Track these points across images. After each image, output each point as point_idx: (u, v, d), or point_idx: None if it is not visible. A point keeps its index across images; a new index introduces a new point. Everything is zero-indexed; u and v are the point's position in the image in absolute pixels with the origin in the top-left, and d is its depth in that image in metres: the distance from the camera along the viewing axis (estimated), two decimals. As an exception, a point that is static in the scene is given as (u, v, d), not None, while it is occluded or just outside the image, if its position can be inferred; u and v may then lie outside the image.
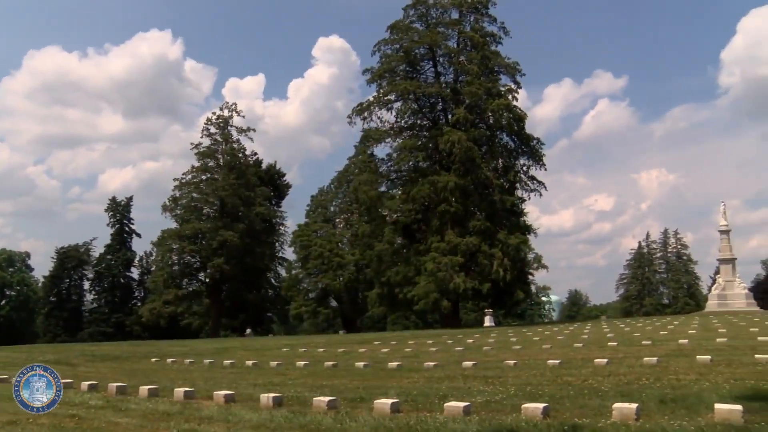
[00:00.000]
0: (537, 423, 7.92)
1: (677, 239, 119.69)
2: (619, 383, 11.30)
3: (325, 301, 76.11)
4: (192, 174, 65.62)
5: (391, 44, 54.28)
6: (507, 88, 54.12)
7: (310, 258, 72.54)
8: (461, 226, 49.26)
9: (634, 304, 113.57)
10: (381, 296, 55.19)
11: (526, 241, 53.19)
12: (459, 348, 22.31)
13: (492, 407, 9.40)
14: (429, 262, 47.23)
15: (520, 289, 52.43)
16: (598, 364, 14.24)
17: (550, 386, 11.38)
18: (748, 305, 54.87)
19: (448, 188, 48.26)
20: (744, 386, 10.19)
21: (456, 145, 48.23)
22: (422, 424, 8.21)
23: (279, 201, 78.75)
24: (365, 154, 55.60)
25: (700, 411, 8.20)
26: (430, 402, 10.07)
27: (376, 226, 54.09)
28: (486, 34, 54.69)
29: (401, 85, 52.41)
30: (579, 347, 19.80)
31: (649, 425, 7.50)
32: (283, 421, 8.88)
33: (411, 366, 16.62)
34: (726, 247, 59.71)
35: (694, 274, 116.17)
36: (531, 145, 53.96)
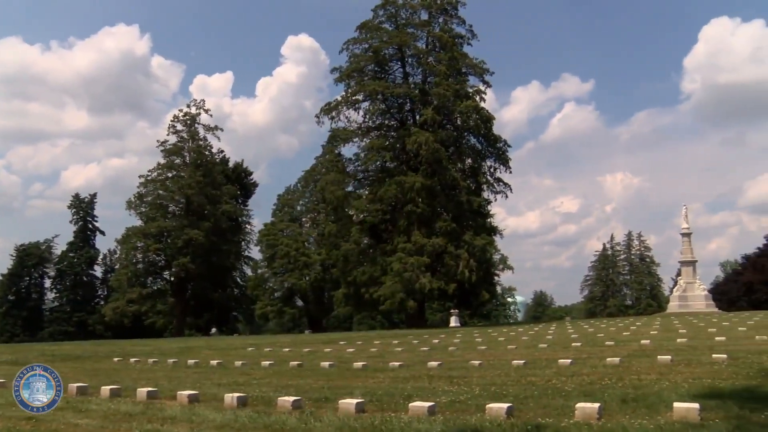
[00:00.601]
0: (501, 423, 7.95)
1: (641, 242, 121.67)
2: (582, 383, 11.39)
3: (291, 300, 75.76)
4: (158, 171, 64.92)
5: (360, 44, 54.29)
6: (475, 90, 54.48)
7: (276, 257, 72.24)
8: (428, 226, 49.40)
9: (598, 305, 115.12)
10: (347, 296, 55.12)
11: (492, 242, 53.56)
12: (424, 348, 22.33)
13: (456, 407, 9.41)
14: (395, 262, 47.29)
15: (485, 290, 52.76)
16: (562, 365, 14.35)
17: (514, 386, 11.43)
18: (707, 306, 55.90)
19: (415, 189, 48.38)
20: (701, 385, 10.37)
21: (423, 146, 48.37)
22: (387, 424, 8.19)
23: (245, 200, 78.37)
24: (332, 153, 55.45)
25: (660, 410, 8.31)
26: (395, 402, 10.06)
27: (342, 225, 53.96)
28: (455, 35, 54.95)
29: (369, 85, 52.44)
30: (543, 348, 19.96)
31: (611, 424, 7.58)
32: (247, 421, 8.80)
33: (376, 366, 16.59)
34: (687, 250, 60.75)
35: (657, 275, 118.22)
36: (498, 147, 54.35)
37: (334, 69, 55.84)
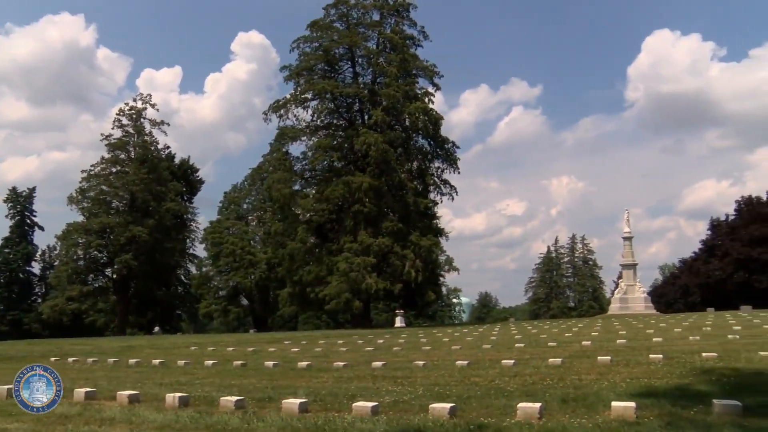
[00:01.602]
0: (444, 423, 8.02)
1: (584, 245, 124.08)
2: (524, 383, 11.54)
3: (235, 299, 75.09)
4: (101, 166, 63.29)
5: (311, 42, 54.01)
6: (424, 92, 54.72)
7: (221, 255, 71.46)
8: (374, 226, 49.46)
9: (542, 306, 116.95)
10: (292, 295, 54.80)
11: (438, 243, 53.98)
12: (369, 348, 22.36)
13: (400, 407, 9.44)
14: (341, 262, 47.24)
15: (431, 291, 53.08)
16: (505, 365, 14.50)
17: (457, 386, 11.53)
18: (646, 308, 57.25)
19: (363, 189, 48.40)
20: (638, 384, 10.64)
21: (372, 147, 48.41)
22: (330, 424, 8.20)
23: (191, 197, 77.15)
24: (280, 152, 55.06)
25: (599, 409, 8.48)
26: (339, 402, 10.05)
27: (289, 224, 53.64)
28: (406, 36, 55.12)
29: (319, 84, 52.21)
30: (487, 348, 20.16)
31: (551, 424, 7.72)
32: (188, 422, 8.69)
33: (321, 366, 16.55)
34: (628, 253, 62.17)
35: (599, 278, 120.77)
36: (446, 149, 54.74)
37: (283, 67, 55.61)
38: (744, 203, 76.03)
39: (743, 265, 66.48)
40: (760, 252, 65.23)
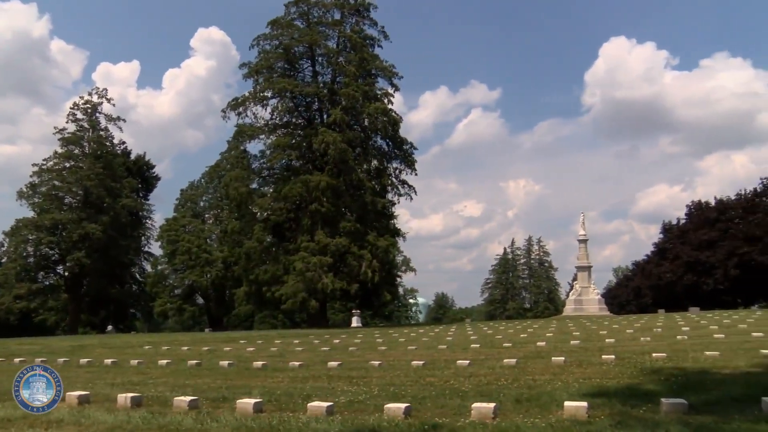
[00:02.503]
0: (398, 422, 8.04)
1: (540, 247, 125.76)
2: (479, 384, 11.60)
3: (191, 298, 74.19)
4: (54, 161, 61.80)
5: (271, 40, 53.59)
6: (383, 92, 54.77)
7: (177, 253, 70.52)
8: (332, 226, 49.37)
9: (498, 307, 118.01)
10: (249, 294, 54.43)
11: (395, 243, 54.14)
12: (325, 348, 22.30)
13: (355, 407, 9.43)
14: (298, 261, 47.02)
15: (387, 291, 53.28)
16: (460, 365, 14.58)
17: (413, 386, 11.55)
18: (600, 310, 58.22)
19: (320, 188, 48.25)
20: (591, 384, 10.80)
21: (330, 146, 48.30)
22: (284, 424, 8.15)
23: (147, 194, 75.99)
24: (238, 149, 54.63)
25: (552, 409, 8.58)
26: (294, 402, 9.99)
27: (245, 223, 53.23)
28: (366, 36, 55.12)
29: (278, 83, 51.85)
30: (443, 349, 20.24)
31: (505, 423, 7.78)
32: (140, 422, 8.53)
33: (276, 365, 16.46)
34: (583, 255, 63.16)
35: (554, 280, 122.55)
36: (404, 149, 54.83)
37: (243, 64, 55.07)
38: (694, 208, 77.94)
39: (692, 268, 68.09)
40: (708, 255, 66.89)
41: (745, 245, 63.78)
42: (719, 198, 76.12)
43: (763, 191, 70.38)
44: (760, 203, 69.62)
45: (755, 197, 71.06)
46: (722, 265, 65.10)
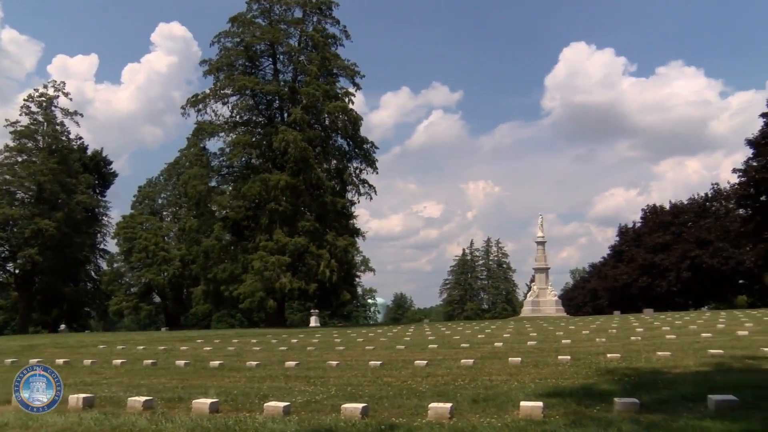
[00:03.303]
0: (355, 422, 8.04)
1: (499, 248, 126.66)
2: (436, 384, 11.66)
3: (148, 296, 73.08)
4: (5, 154, 60.04)
5: (232, 37, 53.06)
6: (344, 91, 54.67)
7: (133, 251, 69.45)
8: (291, 225, 49.11)
9: (456, 308, 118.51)
10: (206, 293, 53.84)
11: (354, 243, 54.15)
12: (283, 348, 22.20)
13: (312, 407, 9.41)
14: (256, 260, 46.69)
15: (346, 291, 53.15)
16: (417, 366, 14.62)
17: (370, 387, 11.56)
18: (557, 311, 58.95)
19: (280, 187, 47.97)
20: (546, 385, 10.92)
21: (291, 145, 48.04)
22: (241, 425, 8.10)
23: (103, 190, 74.46)
24: (197, 147, 54.03)
25: (508, 408, 8.65)
26: (251, 402, 9.94)
27: (204, 221, 52.69)
28: (328, 35, 54.94)
29: (239, 80, 51.33)
30: (401, 349, 20.28)
31: (462, 423, 7.83)
32: (92, 424, 8.35)
33: (233, 365, 16.34)
34: (541, 257, 63.91)
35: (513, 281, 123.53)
36: (365, 149, 54.80)
37: (203, 61, 54.46)
38: (649, 212, 79.48)
39: (647, 271, 69.41)
40: (662, 258, 68.25)
41: (697, 248, 65.25)
42: (673, 202, 77.91)
43: (713, 197, 72.11)
44: (711, 208, 71.33)
45: (706, 202, 72.82)
46: (675, 267, 66.48)
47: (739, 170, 49.12)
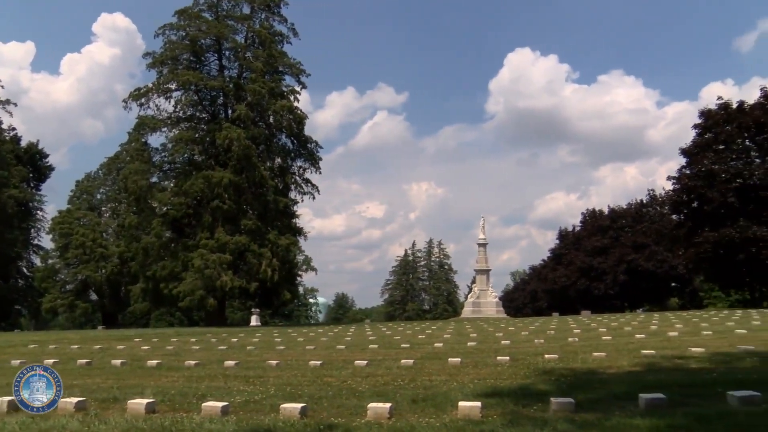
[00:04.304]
0: (294, 422, 7.99)
1: (440, 249, 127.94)
2: (376, 384, 11.65)
3: (84, 294, 71.24)
4: (-70, 143, 58.01)
5: (177, 30, 52.06)
6: (290, 90, 54.36)
7: (70, 247, 67.72)
8: (232, 223, 48.58)
9: (398, 309, 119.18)
10: (145, 291, 52.85)
11: (296, 242, 53.86)
12: (222, 347, 21.93)
13: (251, 407, 9.31)
14: (197, 258, 46.04)
15: (287, 290, 52.83)
16: (358, 366, 14.61)
17: (310, 386, 11.51)
18: (497, 313, 59.66)
19: (222, 184, 47.38)
20: (485, 385, 11.02)
21: (234, 142, 47.51)
22: (177, 425, 7.94)
23: (39, 184, 72.42)
24: (139, 142, 52.84)
25: (447, 408, 8.71)
26: (188, 402, 9.77)
27: (144, 217, 51.65)
28: (275, 33, 54.49)
29: (183, 75, 50.44)
30: (341, 349, 20.25)
31: (401, 423, 7.85)
32: (18, 428, 7.96)
33: (171, 364, 16.06)
34: (482, 259, 64.63)
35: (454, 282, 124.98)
36: (309, 148, 54.55)
37: (146, 54, 53.20)
38: (588, 216, 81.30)
39: (585, 273, 70.97)
40: (600, 261, 69.89)
41: (633, 252, 67.01)
42: (612, 207, 79.84)
43: (649, 202, 74.20)
44: (647, 213, 73.38)
45: (642, 207, 74.89)
46: (612, 270, 68.13)
47: (674, 178, 50.63)
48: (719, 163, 46.95)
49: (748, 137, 48.59)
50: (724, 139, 48.18)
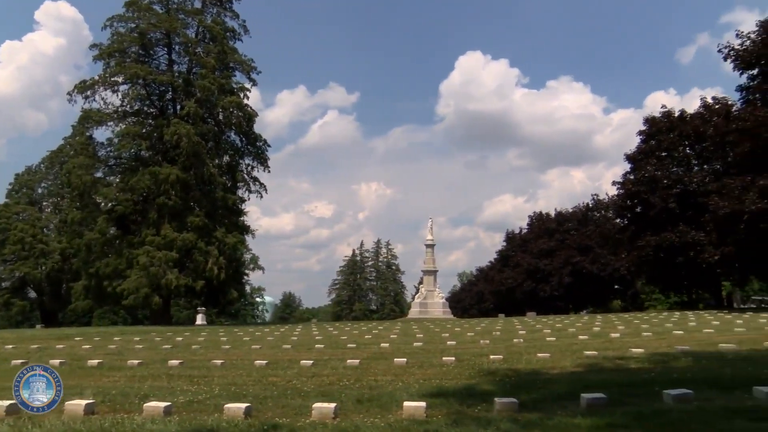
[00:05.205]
0: (238, 423, 7.93)
1: (388, 250, 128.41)
2: (321, 384, 11.67)
3: (22, 291, 69.22)
4: None
5: (126, 22, 51.01)
6: (240, 86, 53.86)
7: (7, 243, 65.65)
8: (179, 221, 47.84)
9: (345, 308, 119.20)
10: (88, 289, 51.59)
11: (244, 241, 53.37)
12: (167, 346, 21.62)
13: (194, 407, 9.21)
14: (142, 255, 45.24)
15: (234, 289, 52.25)
16: (303, 365, 14.58)
17: (255, 386, 11.45)
18: (444, 313, 60.11)
19: (170, 181, 46.66)
20: (430, 385, 11.11)
21: (183, 138, 46.86)
22: (118, 427, 7.78)
23: (-26, 176, 70.18)
24: (83, 135, 51.57)
25: (392, 408, 8.75)
26: (130, 402, 9.61)
27: (88, 213, 50.44)
28: (227, 29, 53.95)
29: (131, 68, 49.35)
30: (287, 348, 20.17)
31: (345, 423, 7.86)
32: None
33: (113, 364, 15.75)
34: (430, 260, 65.06)
35: (401, 283, 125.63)
36: (258, 146, 54.17)
37: (93, 45, 51.99)
38: (535, 219, 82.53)
39: (531, 275, 71.98)
40: (546, 264, 70.95)
41: (578, 255, 68.22)
42: (558, 210, 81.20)
43: (594, 206, 75.68)
44: (592, 217, 74.83)
45: (588, 211, 76.31)
46: (558, 272, 69.24)
47: (618, 183, 51.69)
48: (661, 169, 48.18)
49: (688, 145, 49.98)
50: (667, 147, 49.45)
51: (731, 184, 38.08)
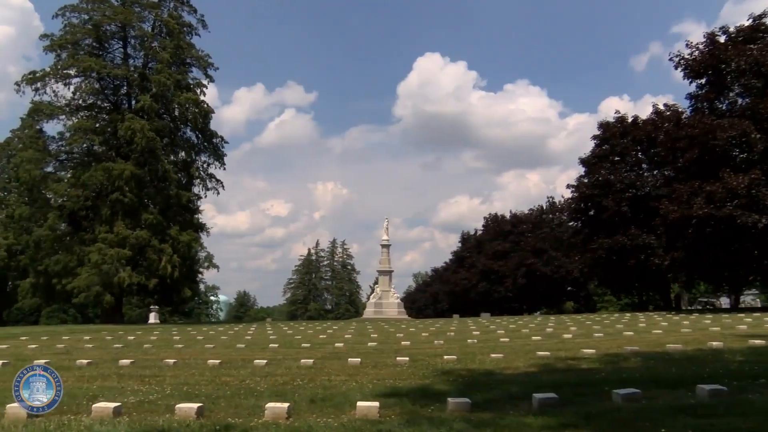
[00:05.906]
0: (190, 423, 7.81)
1: (344, 249, 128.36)
2: (275, 384, 11.57)
3: (-37, 288, 67.19)
4: None
5: (80, 13, 49.98)
6: (197, 82, 53.31)
7: (-51, 238, 63.64)
8: (133, 218, 47.12)
9: (300, 308, 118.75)
10: (36, 286, 50.43)
11: (198, 239, 52.75)
12: (118, 345, 21.25)
13: (145, 408, 9.05)
14: (94, 252, 44.44)
15: (188, 287, 51.61)
16: (257, 365, 14.48)
17: (207, 386, 11.31)
18: (399, 313, 60.30)
19: (123, 177, 45.92)
20: (384, 385, 11.09)
21: (137, 134, 46.16)
22: (64, 428, 7.59)
23: None
24: (33, 129, 50.42)
25: (345, 408, 8.72)
26: (78, 403, 9.37)
27: (37, 209, 49.31)
28: (184, 23, 53.34)
29: (84, 61, 48.36)
30: (241, 348, 20.01)
31: (298, 423, 7.80)
32: None
33: (61, 364, 15.34)
34: (385, 260, 65.20)
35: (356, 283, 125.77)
36: (214, 143, 53.67)
37: (44, 35, 50.80)
38: (491, 220, 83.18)
39: (486, 276, 72.59)
40: (500, 265, 71.63)
41: (533, 257, 69.03)
42: (513, 212, 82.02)
43: (549, 209, 76.71)
44: (546, 219, 75.83)
45: (542, 214, 77.30)
46: (512, 274, 69.95)
47: (572, 186, 52.58)
48: (615, 173, 49.14)
49: (640, 150, 51.07)
50: (620, 151, 50.45)
51: (680, 189, 39.00)
